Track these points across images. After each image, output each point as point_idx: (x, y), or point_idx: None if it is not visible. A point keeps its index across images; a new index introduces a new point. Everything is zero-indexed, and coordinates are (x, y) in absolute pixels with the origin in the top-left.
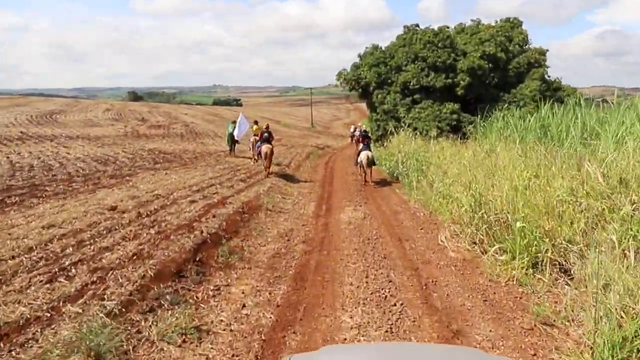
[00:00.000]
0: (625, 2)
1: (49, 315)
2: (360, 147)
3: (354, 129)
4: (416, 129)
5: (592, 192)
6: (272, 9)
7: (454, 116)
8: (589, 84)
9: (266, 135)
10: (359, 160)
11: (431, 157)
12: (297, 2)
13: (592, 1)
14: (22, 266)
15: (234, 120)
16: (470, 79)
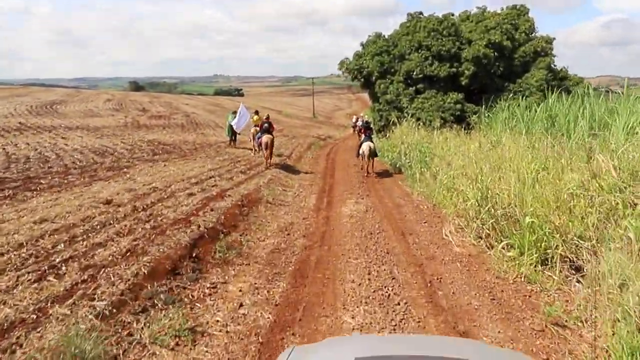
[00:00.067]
0: None
1: (35, 317)
2: (362, 138)
3: (356, 120)
4: (419, 119)
5: (605, 186)
6: None
7: (458, 106)
8: (594, 74)
9: (266, 125)
10: (361, 151)
11: (434, 148)
12: None
13: None
14: (10, 264)
15: (234, 110)
16: (475, 68)
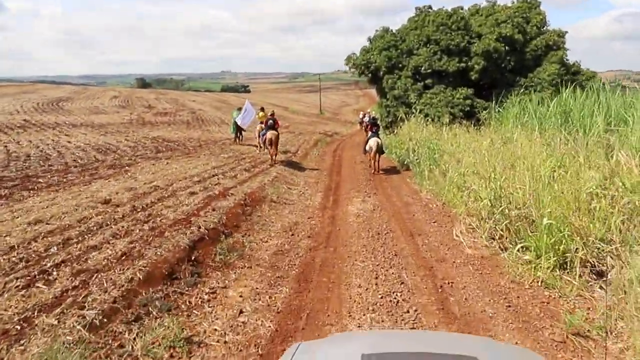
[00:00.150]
0: None
1: (19, 328)
2: (369, 134)
3: (363, 116)
4: (428, 115)
5: (629, 185)
6: None
7: (468, 102)
8: (604, 69)
9: (271, 122)
10: (368, 147)
11: (444, 144)
12: None
13: None
14: None
15: (239, 107)
16: (485, 63)
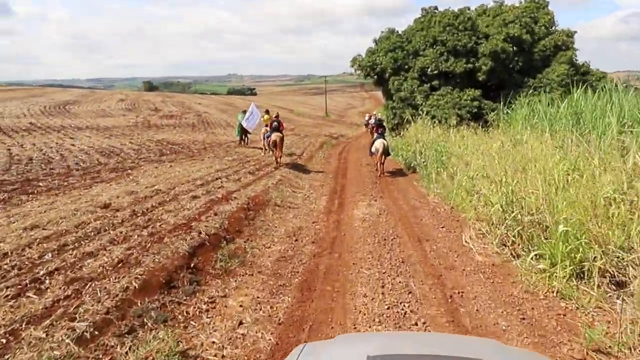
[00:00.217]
0: None
1: (4, 341)
2: (375, 136)
3: (369, 118)
4: (434, 117)
5: None
6: None
7: (475, 103)
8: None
9: (276, 124)
10: (374, 149)
11: (451, 147)
12: None
13: None
14: None
15: (244, 109)
16: (492, 64)
